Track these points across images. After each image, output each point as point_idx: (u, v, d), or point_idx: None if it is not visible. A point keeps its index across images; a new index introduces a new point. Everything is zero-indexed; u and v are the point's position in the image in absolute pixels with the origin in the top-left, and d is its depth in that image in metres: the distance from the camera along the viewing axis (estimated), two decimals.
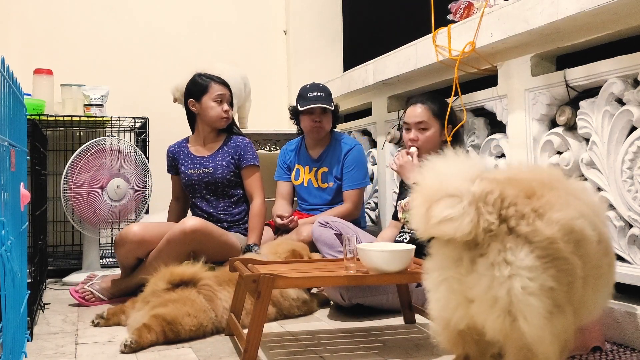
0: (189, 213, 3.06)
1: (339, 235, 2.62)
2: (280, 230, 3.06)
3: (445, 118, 2.52)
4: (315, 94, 3.10)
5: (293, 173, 3.28)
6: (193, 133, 3.01)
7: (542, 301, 1.21)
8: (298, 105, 3.13)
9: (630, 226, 1.89)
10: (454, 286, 1.30)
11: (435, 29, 2.68)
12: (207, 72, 2.96)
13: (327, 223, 2.71)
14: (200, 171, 2.88)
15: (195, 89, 2.88)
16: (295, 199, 3.35)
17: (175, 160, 2.99)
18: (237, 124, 3.75)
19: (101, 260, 3.33)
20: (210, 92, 2.85)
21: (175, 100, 3.44)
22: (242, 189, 2.92)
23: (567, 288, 1.25)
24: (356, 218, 3.07)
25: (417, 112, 2.55)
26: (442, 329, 1.39)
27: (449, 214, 1.24)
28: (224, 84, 2.91)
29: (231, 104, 2.94)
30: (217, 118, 2.86)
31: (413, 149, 2.56)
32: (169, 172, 3.04)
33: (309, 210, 3.22)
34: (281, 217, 3.03)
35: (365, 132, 3.71)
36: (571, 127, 2.14)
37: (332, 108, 3.10)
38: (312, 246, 2.70)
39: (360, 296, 2.33)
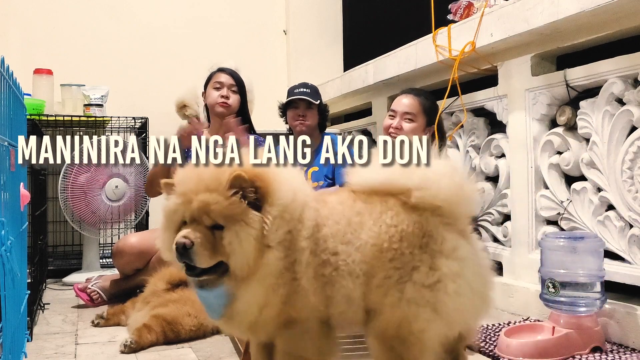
0: None
1: None
2: None
3: (436, 119, 2.49)
4: (301, 89, 3.10)
5: None
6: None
7: None
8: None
9: (631, 226, 1.89)
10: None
11: (435, 29, 2.68)
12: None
13: None
14: None
15: (206, 80, 2.89)
16: None
17: None
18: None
19: (101, 260, 3.32)
20: (212, 80, 2.84)
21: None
22: None
23: None
24: None
25: (408, 102, 2.50)
26: None
27: None
28: (230, 73, 2.87)
29: (243, 94, 2.87)
30: (213, 103, 2.82)
31: None
32: None
33: None
34: None
35: (365, 132, 3.71)
36: (571, 127, 2.14)
37: (317, 102, 3.06)
38: None
39: None
